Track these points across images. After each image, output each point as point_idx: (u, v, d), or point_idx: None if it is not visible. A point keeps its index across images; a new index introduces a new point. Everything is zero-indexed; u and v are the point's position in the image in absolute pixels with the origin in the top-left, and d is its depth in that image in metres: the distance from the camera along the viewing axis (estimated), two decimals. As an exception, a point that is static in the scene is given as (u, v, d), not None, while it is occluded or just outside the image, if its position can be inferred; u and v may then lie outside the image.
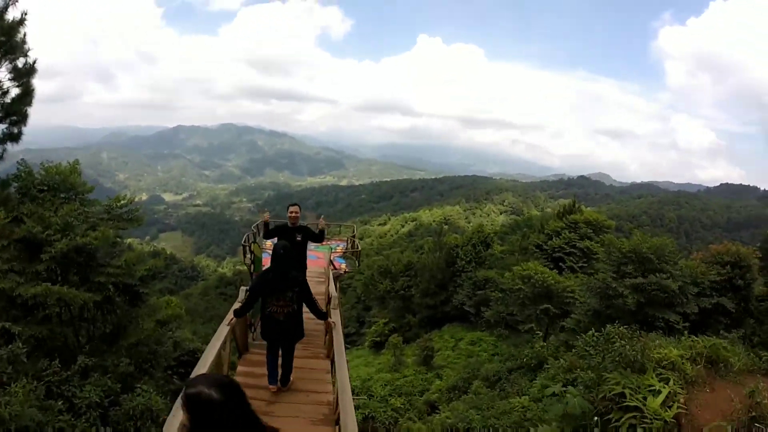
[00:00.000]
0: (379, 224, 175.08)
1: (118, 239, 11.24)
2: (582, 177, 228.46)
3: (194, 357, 19.71)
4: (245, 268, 14.02)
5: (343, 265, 16.23)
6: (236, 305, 6.97)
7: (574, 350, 13.36)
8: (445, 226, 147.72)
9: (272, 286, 6.29)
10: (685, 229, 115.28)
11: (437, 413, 19.68)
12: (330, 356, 7.51)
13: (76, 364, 8.01)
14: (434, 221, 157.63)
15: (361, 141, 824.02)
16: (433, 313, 41.06)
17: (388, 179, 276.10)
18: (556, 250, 35.27)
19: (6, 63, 10.12)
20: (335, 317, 7.62)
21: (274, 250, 6.51)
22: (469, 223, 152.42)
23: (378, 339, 42.62)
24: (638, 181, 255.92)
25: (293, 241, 8.71)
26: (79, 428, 6.87)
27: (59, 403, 7.23)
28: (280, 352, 6.77)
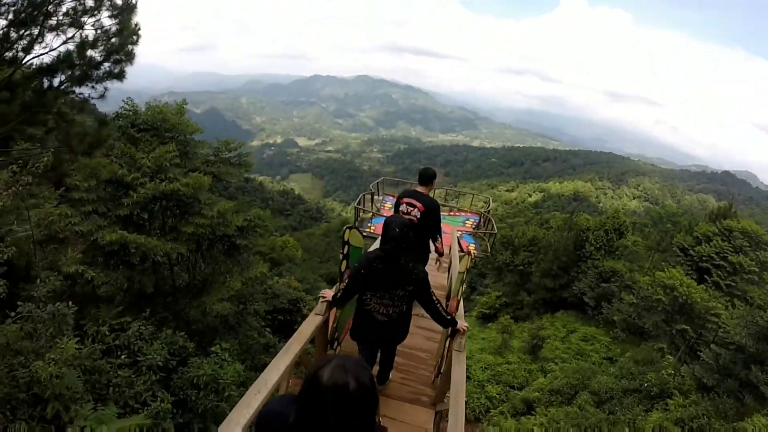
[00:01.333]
0: (507, 190, 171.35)
1: (231, 181, 10.57)
2: (726, 173, 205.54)
3: (295, 306, 19.62)
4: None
5: (472, 246, 13.34)
6: (332, 291, 4.99)
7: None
8: (574, 202, 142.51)
9: (379, 278, 4.41)
10: None
11: (533, 415, 17.98)
12: (438, 399, 5.26)
13: (144, 315, 7.33)
14: (563, 195, 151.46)
15: (496, 104, 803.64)
16: (550, 297, 38.51)
17: (521, 145, 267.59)
18: (704, 258, 30.80)
19: (107, 2, 9.65)
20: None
21: (386, 227, 4.37)
22: (599, 203, 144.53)
23: (488, 311, 41.22)
24: None
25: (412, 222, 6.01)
26: (136, 388, 6.11)
27: (122, 357, 6.58)
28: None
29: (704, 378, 15.21)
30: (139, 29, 10.36)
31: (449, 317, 4.71)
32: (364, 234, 12.15)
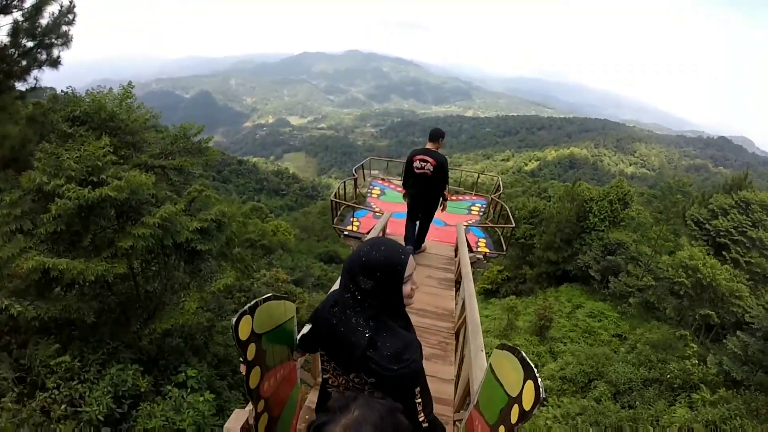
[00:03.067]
0: (502, 159, 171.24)
1: (194, 172, 9.12)
2: (722, 138, 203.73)
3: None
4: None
5: (482, 242, 10.92)
6: None
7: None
8: (571, 170, 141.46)
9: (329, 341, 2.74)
10: None
11: (545, 405, 16.83)
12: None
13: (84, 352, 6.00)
14: (560, 162, 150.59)
15: (489, 74, 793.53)
16: (554, 270, 37.44)
17: (515, 114, 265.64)
18: (721, 233, 29.36)
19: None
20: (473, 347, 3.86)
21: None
22: (595, 169, 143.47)
23: (489, 287, 40.29)
24: None
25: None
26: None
27: (61, 407, 5.38)
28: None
29: (732, 371, 13.99)
30: (74, 6, 8.80)
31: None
32: (345, 233, 10.38)
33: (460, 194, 15.43)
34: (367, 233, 9.24)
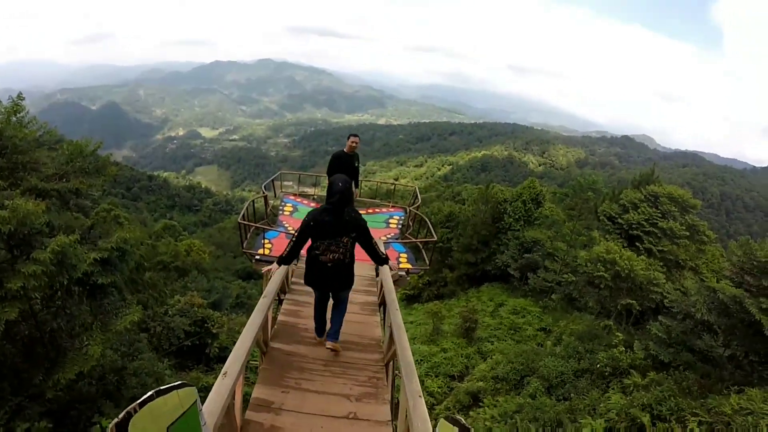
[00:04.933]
0: (416, 165, 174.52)
1: (93, 194, 8.31)
2: (625, 137, 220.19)
3: (202, 327, 17.51)
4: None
5: (404, 257, 10.49)
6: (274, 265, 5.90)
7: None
8: (483, 173, 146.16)
9: (327, 228, 5.13)
10: (727, 207, 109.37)
11: (480, 406, 16.92)
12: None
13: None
14: (471, 166, 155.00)
15: (402, 81, 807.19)
16: (473, 271, 38.13)
17: (427, 121, 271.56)
18: (633, 226, 30.82)
19: None
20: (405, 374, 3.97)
21: (331, 184, 5.17)
22: (507, 171, 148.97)
23: (411, 292, 40.45)
24: (682, 149, 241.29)
25: (351, 168, 8.55)
26: None
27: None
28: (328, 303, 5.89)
29: (659, 354, 14.57)
30: None
31: (384, 255, 5.91)
32: (257, 258, 9.38)
33: (376, 207, 14.53)
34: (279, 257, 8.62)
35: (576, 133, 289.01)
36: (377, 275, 8.11)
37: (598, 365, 16.39)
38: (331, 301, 5.81)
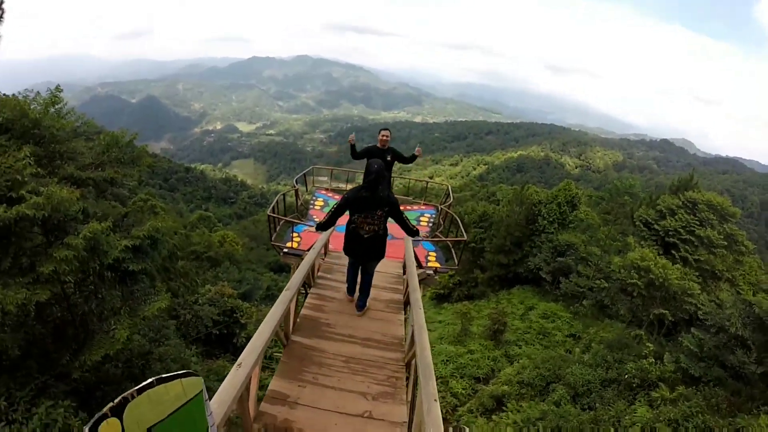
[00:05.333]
0: (451, 164, 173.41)
1: (128, 184, 8.44)
2: (664, 141, 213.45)
3: (231, 317, 17.70)
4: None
5: (432, 256, 10.41)
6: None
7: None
8: (518, 173, 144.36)
9: (364, 203, 6.08)
10: (767, 218, 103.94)
11: (504, 410, 16.67)
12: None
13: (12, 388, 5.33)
14: (507, 167, 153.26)
15: (438, 79, 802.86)
16: (505, 273, 37.67)
17: (464, 119, 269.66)
18: (669, 232, 29.60)
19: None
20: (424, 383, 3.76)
21: (368, 166, 6.14)
22: (543, 173, 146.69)
23: (441, 291, 40.22)
24: (723, 154, 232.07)
25: (384, 161, 8.27)
26: None
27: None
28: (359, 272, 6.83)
29: (690, 368, 14.15)
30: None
31: (414, 228, 6.57)
32: (285, 251, 9.69)
33: (408, 204, 14.71)
34: (308, 250, 8.42)
35: (614, 135, 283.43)
36: (404, 273, 8.10)
37: (627, 376, 15.97)
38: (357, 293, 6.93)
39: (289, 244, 9.81)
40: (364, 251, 6.38)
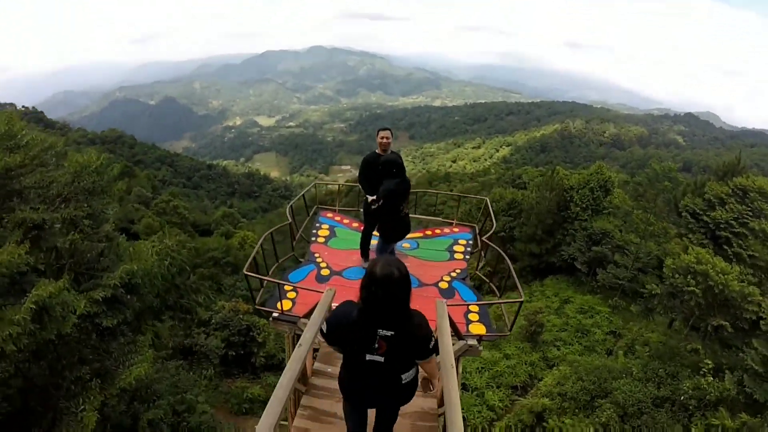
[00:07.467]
0: (473, 147, 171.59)
1: (107, 212, 7.22)
2: (689, 114, 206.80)
3: (247, 335, 16.64)
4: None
5: (475, 311, 7.01)
6: None
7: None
8: (542, 154, 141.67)
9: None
10: None
11: (545, 428, 15.18)
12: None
13: None
14: (530, 147, 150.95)
15: (455, 62, 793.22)
16: (537, 263, 36.01)
17: (483, 101, 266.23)
18: (721, 225, 26.16)
19: None
20: None
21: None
22: (566, 152, 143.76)
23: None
24: (749, 126, 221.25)
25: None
26: None
27: None
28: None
29: (754, 392, 12.39)
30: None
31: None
32: (274, 316, 6.74)
33: (437, 227, 10.64)
34: (305, 316, 6.25)
35: (636, 110, 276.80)
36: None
37: (682, 397, 14.25)
38: None
39: (279, 306, 6.70)
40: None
